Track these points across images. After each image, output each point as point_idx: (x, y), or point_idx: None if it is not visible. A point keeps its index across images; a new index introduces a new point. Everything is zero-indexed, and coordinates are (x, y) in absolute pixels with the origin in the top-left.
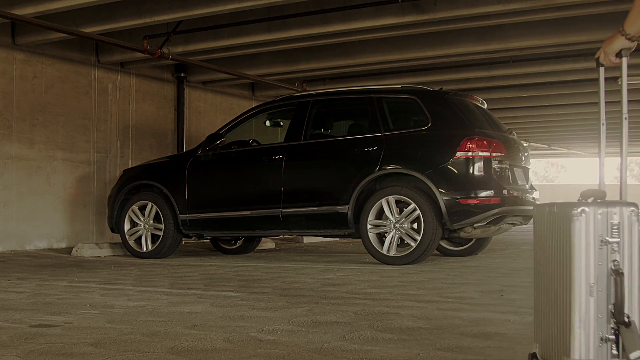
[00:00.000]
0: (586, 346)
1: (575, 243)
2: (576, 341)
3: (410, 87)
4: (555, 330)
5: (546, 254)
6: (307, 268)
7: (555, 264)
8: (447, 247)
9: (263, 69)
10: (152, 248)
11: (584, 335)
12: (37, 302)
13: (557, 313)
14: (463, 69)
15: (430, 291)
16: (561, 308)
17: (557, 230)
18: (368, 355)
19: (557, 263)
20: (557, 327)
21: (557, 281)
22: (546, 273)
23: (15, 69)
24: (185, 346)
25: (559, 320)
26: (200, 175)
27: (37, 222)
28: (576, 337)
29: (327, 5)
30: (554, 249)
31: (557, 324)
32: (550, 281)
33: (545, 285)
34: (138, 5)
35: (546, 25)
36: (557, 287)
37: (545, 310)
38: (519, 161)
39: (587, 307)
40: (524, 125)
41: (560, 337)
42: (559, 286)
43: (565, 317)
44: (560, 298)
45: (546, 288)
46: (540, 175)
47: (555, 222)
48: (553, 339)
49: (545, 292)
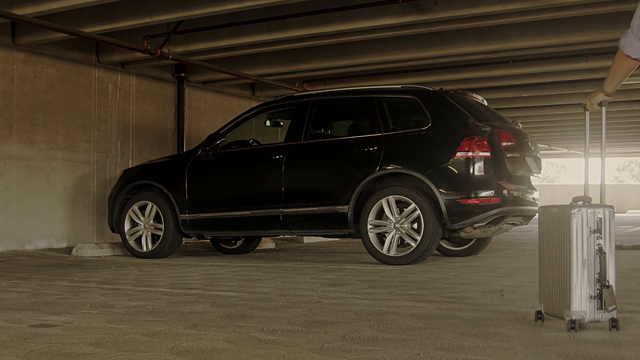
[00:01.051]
0: (580, 301)
1: (573, 232)
2: (574, 298)
3: (410, 87)
4: (557, 293)
5: (551, 240)
6: (307, 268)
7: (558, 246)
8: (447, 247)
9: (263, 69)
10: (152, 248)
11: (579, 294)
12: (37, 302)
13: (559, 281)
14: (463, 69)
15: (430, 291)
16: (563, 277)
17: (560, 224)
18: (368, 355)
19: (559, 246)
20: (559, 290)
21: (559, 258)
22: (550, 253)
23: (15, 69)
24: (185, 346)
25: (560, 286)
26: (200, 175)
27: (37, 222)
28: (574, 295)
29: (327, 5)
30: (557, 237)
31: (559, 288)
32: (554, 259)
33: (549, 262)
34: (138, 5)
35: (546, 25)
36: (559, 263)
37: (548, 280)
38: (529, 150)
39: (582, 275)
40: (524, 125)
41: (561, 297)
42: (561, 262)
43: (566, 283)
44: (562, 270)
45: (550, 264)
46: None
47: (559, 218)
48: (555, 300)
49: (549, 267)
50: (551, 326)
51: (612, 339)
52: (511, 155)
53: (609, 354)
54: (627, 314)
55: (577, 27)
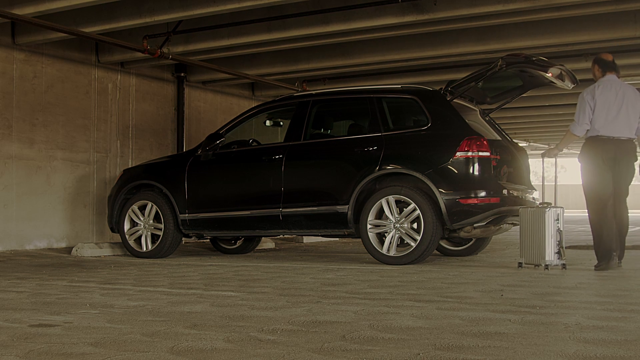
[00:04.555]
0: (550, 255)
1: (547, 220)
2: (547, 254)
3: (410, 87)
4: (534, 252)
5: (530, 226)
6: (307, 268)
7: (535, 229)
8: (447, 247)
9: (263, 69)
10: (152, 248)
11: (549, 252)
12: (37, 302)
13: (537, 245)
14: (463, 69)
15: (430, 291)
16: (540, 243)
17: (538, 217)
18: (368, 355)
19: (536, 229)
20: (536, 250)
21: (537, 235)
22: (530, 231)
23: (15, 68)
24: (185, 346)
25: (537, 248)
26: (200, 175)
27: (37, 222)
28: (547, 252)
29: (327, 5)
30: (535, 224)
31: (536, 249)
32: (533, 234)
33: (530, 236)
34: (138, 5)
35: (546, 25)
36: (538, 236)
37: (528, 245)
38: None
39: (550, 242)
40: (524, 125)
41: (538, 253)
42: (539, 236)
43: (542, 246)
44: (539, 240)
45: (530, 238)
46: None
47: (537, 213)
48: (532, 255)
49: (529, 239)
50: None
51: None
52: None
53: (609, 354)
54: (627, 314)
55: (577, 27)
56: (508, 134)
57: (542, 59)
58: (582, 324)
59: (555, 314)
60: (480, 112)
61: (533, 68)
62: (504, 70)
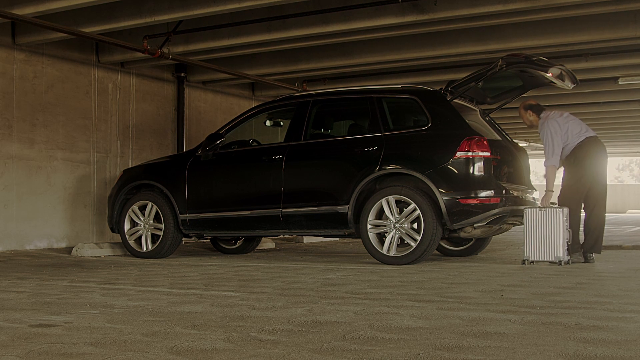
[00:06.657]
0: (562, 252)
1: (559, 218)
2: (560, 251)
3: (410, 87)
4: (544, 249)
5: (538, 224)
6: (307, 268)
7: (546, 225)
8: (447, 247)
9: (263, 69)
10: (152, 248)
11: (561, 248)
12: (37, 302)
13: (549, 242)
14: (463, 69)
15: (430, 291)
16: (553, 241)
17: (548, 215)
18: (368, 355)
19: (548, 225)
20: (547, 247)
21: (549, 230)
22: (539, 231)
23: (15, 68)
24: (185, 346)
25: (549, 245)
26: (200, 175)
27: (37, 222)
28: (560, 249)
29: (327, 5)
30: (546, 223)
31: (547, 246)
32: (542, 233)
33: (537, 235)
34: (138, 5)
35: (546, 25)
36: (549, 234)
37: (535, 243)
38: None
39: (562, 240)
40: (524, 125)
41: (548, 250)
42: (551, 234)
43: (555, 244)
44: (551, 238)
45: (538, 236)
46: (540, 175)
47: (546, 212)
48: (541, 252)
49: (536, 237)
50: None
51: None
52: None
53: (609, 354)
54: (627, 314)
55: (577, 27)
56: (508, 134)
57: (542, 59)
58: (582, 324)
59: (555, 314)
60: (480, 112)
61: (533, 68)
62: (504, 70)
